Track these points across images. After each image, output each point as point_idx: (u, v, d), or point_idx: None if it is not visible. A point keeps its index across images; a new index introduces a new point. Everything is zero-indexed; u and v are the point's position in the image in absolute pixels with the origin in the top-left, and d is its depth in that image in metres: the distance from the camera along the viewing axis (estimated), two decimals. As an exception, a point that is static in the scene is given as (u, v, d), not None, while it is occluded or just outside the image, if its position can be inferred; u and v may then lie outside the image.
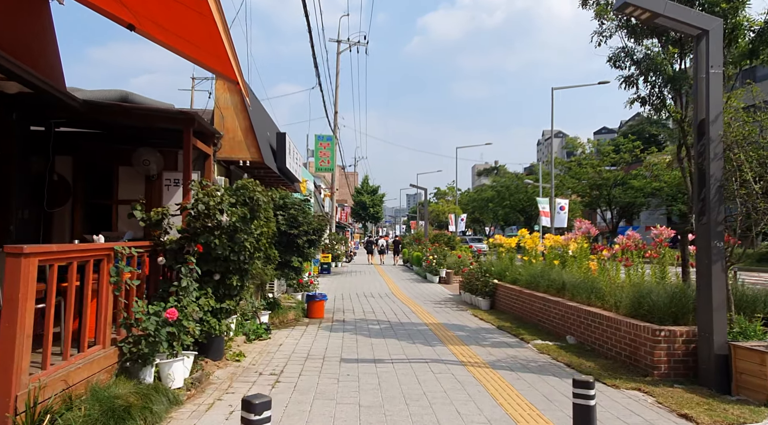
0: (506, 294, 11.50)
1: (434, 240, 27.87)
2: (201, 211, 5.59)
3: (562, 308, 8.68)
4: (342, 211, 49.22)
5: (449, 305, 13.00)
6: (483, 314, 11.22)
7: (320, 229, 9.71)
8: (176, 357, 5.04)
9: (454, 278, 18.96)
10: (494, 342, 8.42)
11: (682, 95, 7.54)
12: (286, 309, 10.06)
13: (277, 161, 10.07)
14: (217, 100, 8.63)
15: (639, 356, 6.44)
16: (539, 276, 10.35)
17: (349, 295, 15.13)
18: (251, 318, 8.25)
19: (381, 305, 12.84)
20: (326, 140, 23.71)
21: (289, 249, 9.43)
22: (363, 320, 10.54)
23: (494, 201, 52.14)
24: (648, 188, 35.68)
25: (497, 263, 13.06)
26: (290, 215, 9.41)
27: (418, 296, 15.15)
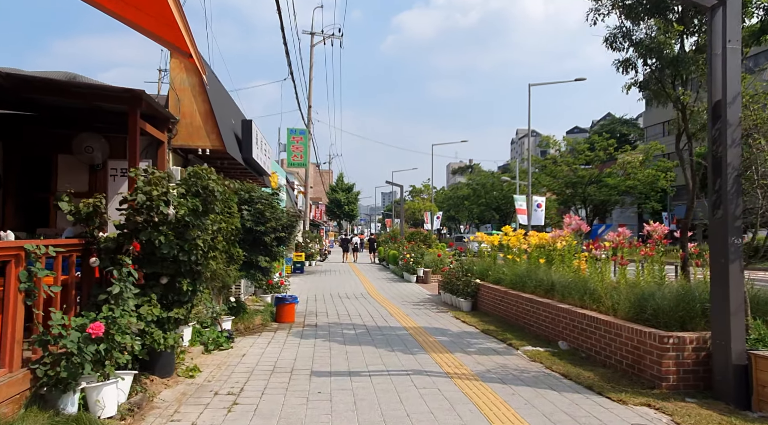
0: (490, 295, 10.80)
1: (410, 238, 27.15)
2: (142, 203, 4.66)
3: (553, 310, 7.99)
4: (316, 209, 48.13)
5: (428, 307, 12.25)
6: (465, 317, 10.49)
7: (290, 226, 8.83)
8: (108, 379, 4.12)
9: (432, 278, 18.24)
10: (480, 348, 7.68)
11: (686, 79, 6.91)
12: (253, 314, 9.14)
13: (243, 151, 9.13)
14: (173, 81, 7.65)
15: (644, 365, 5.76)
16: (525, 276, 9.67)
17: (322, 296, 14.24)
18: (211, 326, 7.31)
19: (356, 307, 12.00)
20: (299, 133, 22.70)
21: (256, 248, 8.51)
22: (337, 324, 9.68)
23: (470, 199, 51.80)
24: (622, 185, 35.68)
25: (479, 262, 12.36)
26: (256, 210, 8.50)
27: (396, 296, 14.36)
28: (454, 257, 12.53)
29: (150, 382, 5.19)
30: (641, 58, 6.91)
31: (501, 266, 11.19)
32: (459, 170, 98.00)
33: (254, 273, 8.53)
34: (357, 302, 13.08)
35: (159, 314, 4.83)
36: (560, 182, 38.03)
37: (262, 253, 8.58)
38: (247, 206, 8.60)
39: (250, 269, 8.53)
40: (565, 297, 8.15)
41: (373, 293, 14.98)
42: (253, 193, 8.76)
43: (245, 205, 8.63)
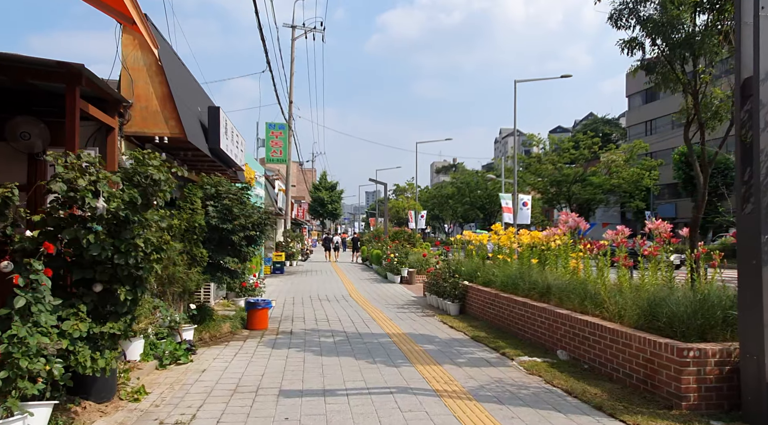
0: (479, 298, 10.05)
1: (394, 237, 26.38)
2: (63, 193, 3.78)
3: (550, 316, 7.25)
4: (299, 207, 47.11)
5: (413, 310, 11.46)
6: (453, 321, 9.73)
7: (262, 223, 7.96)
8: (12, 415, 3.24)
9: (416, 278, 17.47)
10: (471, 358, 6.90)
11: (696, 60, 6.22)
12: (221, 320, 8.25)
13: (209, 141, 8.24)
14: (125, 59, 6.73)
15: (659, 381, 5.04)
16: (518, 278, 8.93)
17: (301, 299, 13.36)
18: (168, 336, 6.42)
19: (336, 311, 11.16)
20: (278, 128, 21.72)
21: (222, 248, 7.63)
22: (314, 330, 8.84)
23: (454, 198, 51.23)
24: (606, 184, 35.39)
25: (467, 262, 11.61)
26: (223, 207, 7.62)
27: (379, 298, 13.55)
28: (441, 258, 11.76)
29: (82, 410, 4.31)
30: (649, 37, 6.20)
31: (491, 267, 10.45)
32: (443, 168, 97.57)
33: (221, 276, 7.65)
34: (337, 305, 12.24)
35: (88, 329, 3.95)
36: (545, 181, 37.64)
37: (230, 254, 7.70)
38: (212, 201, 7.71)
39: (216, 271, 7.64)
40: (563, 301, 7.42)
41: (355, 295, 14.15)
42: (220, 187, 7.87)
43: (211, 200, 7.74)
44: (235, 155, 9.90)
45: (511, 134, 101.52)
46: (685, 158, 37.27)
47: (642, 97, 51.49)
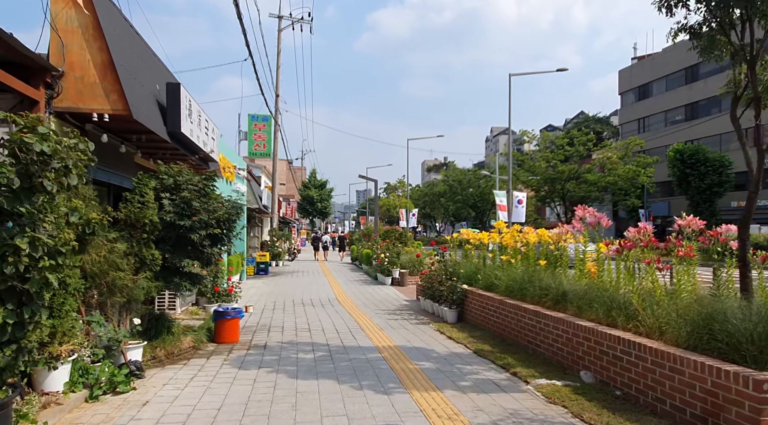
0: (480, 304, 8.87)
1: (385, 236, 25.18)
2: None
3: (569, 329, 6.09)
4: (287, 205, 45.77)
5: (406, 316, 10.27)
6: (451, 331, 8.55)
7: (229, 220, 6.72)
8: None
9: (409, 280, 16.28)
10: (477, 381, 5.72)
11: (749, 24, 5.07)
12: (180, 334, 7.00)
13: (168, 124, 6.98)
14: (55, 20, 5.46)
15: (727, 420, 3.89)
16: (525, 282, 7.77)
17: (283, 303, 12.12)
18: (105, 359, 5.17)
19: (321, 318, 9.94)
20: (262, 120, 20.39)
21: (180, 249, 6.38)
22: (293, 343, 7.62)
23: (446, 196, 50.14)
24: (602, 182, 34.44)
25: (465, 263, 10.43)
26: (182, 200, 6.36)
27: (368, 303, 12.34)
28: (436, 258, 10.58)
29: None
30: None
31: (493, 269, 9.28)
32: (434, 167, 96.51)
33: (179, 282, 6.40)
34: (322, 310, 11.01)
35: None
36: (538, 179, 36.64)
37: (190, 255, 6.44)
38: (169, 193, 6.45)
39: (173, 276, 6.39)
40: (583, 311, 6.27)
41: (343, 299, 12.93)
42: (179, 177, 6.61)
43: (167, 192, 6.48)
44: (204, 143, 8.64)
45: (503, 132, 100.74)
46: (680, 155, 36.50)
47: (635, 94, 50.72)
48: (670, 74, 46.76)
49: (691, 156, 35.86)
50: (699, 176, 35.57)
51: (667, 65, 46.87)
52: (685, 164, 36.04)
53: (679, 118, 45.30)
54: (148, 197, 6.05)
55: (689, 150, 36.01)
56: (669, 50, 47.45)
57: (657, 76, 48.04)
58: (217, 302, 9.99)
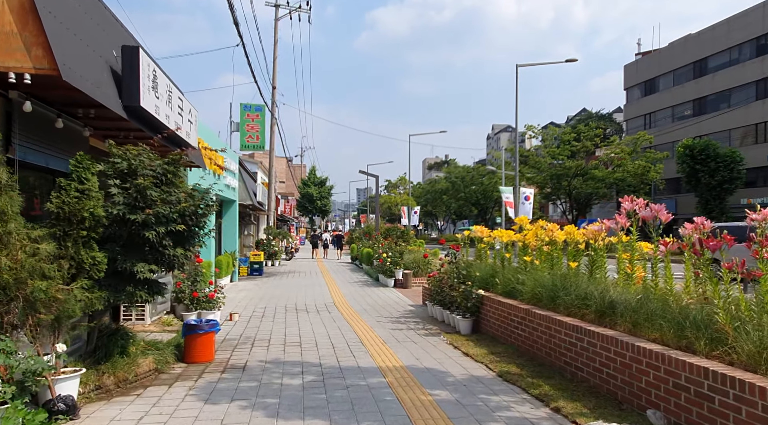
0: (500, 314, 7.53)
1: (386, 234, 23.85)
2: None
3: (624, 351, 4.75)
4: (286, 203, 44.44)
5: (412, 325, 8.94)
6: (467, 345, 7.21)
7: (197, 214, 5.37)
8: None
9: (413, 282, 14.94)
10: (510, 420, 4.37)
11: None
12: (140, 353, 5.65)
13: (124, 96, 5.64)
14: (-44, -53, 4.10)
15: None
16: (558, 288, 6.42)
17: (274, 309, 10.78)
18: (19, 398, 3.82)
19: (315, 328, 8.61)
20: (255, 110, 18.99)
21: (134, 250, 5.04)
22: (278, 363, 6.28)
23: (448, 193, 48.78)
24: (610, 178, 33.08)
25: (480, 265, 9.08)
26: (136, 188, 5.01)
27: (369, 308, 11.01)
28: (446, 259, 9.24)
29: None
30: None
31: (513, 272, 7.93)
32: (435, 165, 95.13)
33: (133, 291, 5.06)
34: (317, 318, 9.67)
35: None
36: (544, 175, 35.28)
37: (147, 258, 5.10)
38: (121, 180, 5.11)
39: (125, 284, 5.04)
40: (639, 327, 4.95)
41: (341, 304, 11.59)
42: (135, 161, 5.26)
43: (118, 179, 5.13)
44: (176, 124, 7.29)
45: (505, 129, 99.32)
46: (690, 151, 35.14)
47: (641, 89, 49.32)
48: (677, 69, 45.35)
49: (701, 152, 34.52)
50: (709, 172, 34.20)
51: (674, 60, 45.47)
52: (695, 160, 34.69)
53: (687, 113, 43.89)
54: (89, 184, 4.71)
55: (699, 145, 34.67)
56: (676, 44, 46.08)
57: (664, 70, 46.62)
58: (196, 310, 8.66)
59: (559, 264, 7.32)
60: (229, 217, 16.39)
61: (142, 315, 7.55)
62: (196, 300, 8.63)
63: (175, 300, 8.74)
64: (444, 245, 10.95)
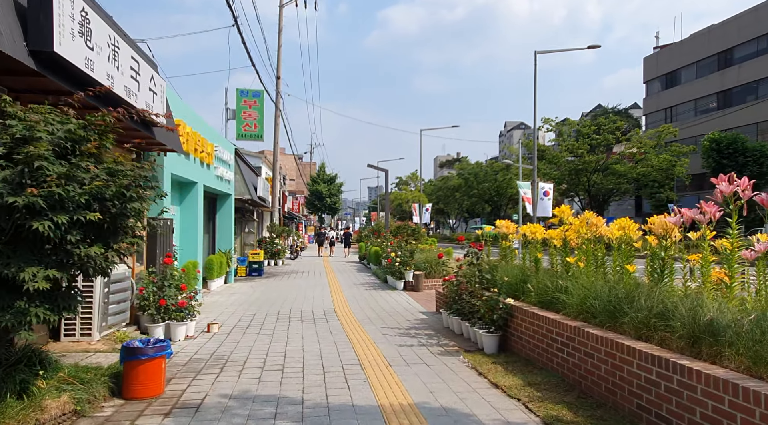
0: (535, 330, 5.85)
1: (396, 232, 22.23)
2: None
3: (754, 407, 3.07)
4: (294, 200, 43.00)
5: (424, 339, 7.30)
6: (494, 371, 5.56)
7: (121, 197, 3.76)
8: None
9: (425, 284, 13.30)
10: None
11: None
12: (50, 390, 4.08)
13: (30, 39, 4.10)
14: None
15: None
16: (621, 300, 4.75)
17: (264, 317, 9.21)
18: None
19: (306, 344, 7.01)
20: (252, 95, 17.42)
21: (24, 248, 3.47)
22: (246, 399, 4.69)
23: (461, 190, 46.97)
24: (633, 173, 31.08)
25: (507, 267, 7.40)
26: (25, 159, 3.44)
27: (374, 316, 9.39)
28: (466, 260, 7.57)
29: None
30: None
31: (552, 277, 6.25)
32: (447, 163, 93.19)
33: (25, 308, 3.47)
34: (312, 329, 8.08)
35: None
36: (562, 170, 33.37)
37: (45, 260, 3.52)
38: (4, 148, 3.53)
39: (12, 299, 3.48)
40: (757, 365, 3.27)
41: (342, 311, 9.99)
42: (40, 124, 3.67)
43: (10, 148, 3.56)
44: (127, 90, 5.72)
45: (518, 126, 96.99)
46: (716, 145, 33.02)
47: (661, 82, 47.08)
48: (700, 60, 43.06)
49: (728, 146, 32.40)
50: (737, 167, 32.00)
51: (696, 51, 43.19)
52: (721, 155, 32.57)
53: (711, 106, 41.61)
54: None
55: (726, 139, 32.54)
56: (699, 35, 43.78)
57: (685, 62, 44.34)
58: (164, 321, 7.11)
59: (616, 268, 5.65)
60: (223, 212, 14.87)
61: (88, 330, 6.02)
62: (163, 309, 7.08)
63: (138, 309, 7.20)
64: (462, 243, 9.39)
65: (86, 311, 6.03)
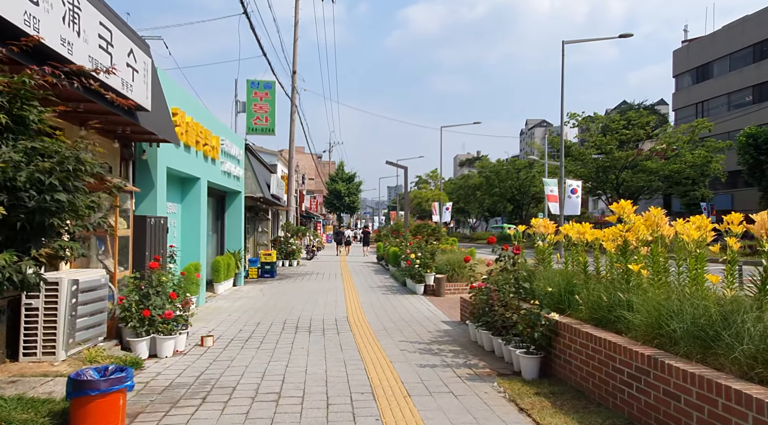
0: (589, 354, 4.67)
1: (416, 232, 21.10)
2: None
3: None
4: (312, 199, 42.15)
5: (449, 358, 6.17)
6: (540, 406, 4.40)
7: (41, 184, 2.74)
8: None
9: (447, 288, 12.15)
10: None
11: None
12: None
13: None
14: None
15: None
16: (715, 323, 3.55)
17: (267, 327, 8.19)
18: None
19: (311, 365, 5.95)
20: (264, 87, 16.44)
21: None
22: (226, 446, 3.64)
23: (482, 189, 45.51)
24: (665, 170, 29.30)
25: (547, 274, 6.21)
26: None
27: (392, 326, 8.29)
28: (498, 264, 6.38)
29: None
30: None
31: (605, 288, 5.06)
32: (466, 161, 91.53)
33: None
34: (320, 343, 7.02)
35: None
36: (589, 167, 31.76)
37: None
38: None
39: None
40: None
41: (356, 320, 8.92)
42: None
43: None
44: (90, 58, 4.72)
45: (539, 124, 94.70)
46: (754, 140, 31.02)
47: (692, 76, 44.88)
48: (734, 52, 40.81)
49: (766, 141, 30.38)
50: (776, 163, 30.06)
51: (730, 43, 40.95)
52: (759, 151, 30.54)
53: (747, 100, 39.36)
54: None
55: (764, 134, 30.50)
56: (732, 26, 41.52)
57: (718, 55, 42.11)
58: (149, 334, 6.13)
59: (693, 279, 4.44)
60: (232, 211, 13.95)
61: (51, 348, 5.05)
62: (147, 321, 6.09)
63: (120, 321, 6.23)
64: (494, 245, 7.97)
65: (49, 325, 5.06)
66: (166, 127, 7.32)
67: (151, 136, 7.07)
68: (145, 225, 7.11)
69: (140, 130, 6.65)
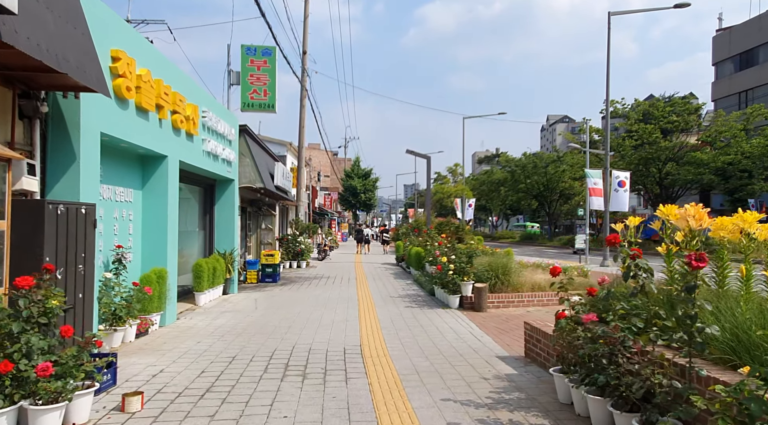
0: None
1: (440, 230, 18.33)
2: None
3: None
4: (327, 196, 39.60)
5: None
6: None
7: None
8: None
9: (489, 300, 9.34)
10: None
11: None
12: None
13: None
14: None
15: None
16: None
17: (244, 365, 5.49)
18: None
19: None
20: (262, 54, 13.63)
21: None
22: None
23: (507, 184, 42.38)
24: (717, 161, 25.95)
25: (712, 296, 3.37)
26: None
27: (426, 366, 5.52)
28: (619, 290, 3.58)
29: None
30: None
31: None
32: (485, 158, 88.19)
33: None
34: (314, 403, 4.29)
35: None
36: (627, 159, 28.53)
37: None
38: None
39: None
40: None
41: (373, 351, 6.16)
42: None
43: None
44: None
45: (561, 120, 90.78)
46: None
47: (734, 63, 41.12)
48: (783, 36, 37.06)
49: None
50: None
51: (779, 25, 37.21)
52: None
53: (800, 86, 35.59)
54: None
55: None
56: (780, 8, 37.80)
57: (764, 40, 38.38)
58: (15, 401, 3.47)
59: None
60: (223, 203, 11.33)
61: None
62: (11, 380, 3.43)
63: None
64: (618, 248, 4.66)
65: None
66: (79, 61, 4.65)
67: (62, 79, 4.42)
68: (43, 215, 4.48)
69: (36, 66, 4.00)
